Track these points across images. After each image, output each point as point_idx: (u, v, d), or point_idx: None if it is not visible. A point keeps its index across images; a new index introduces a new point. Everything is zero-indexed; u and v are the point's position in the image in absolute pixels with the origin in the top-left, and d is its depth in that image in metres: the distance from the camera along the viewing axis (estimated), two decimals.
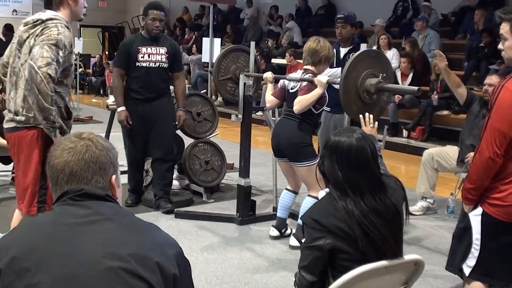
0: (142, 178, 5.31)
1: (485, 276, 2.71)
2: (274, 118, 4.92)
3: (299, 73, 4.14)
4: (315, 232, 2.05)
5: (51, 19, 3.09)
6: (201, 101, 5.72)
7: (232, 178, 5.81)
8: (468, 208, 2.71)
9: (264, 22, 14.84)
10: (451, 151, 5.06)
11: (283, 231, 4.39)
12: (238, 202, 4.75)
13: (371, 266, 1.98)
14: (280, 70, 10.39)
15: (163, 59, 4.84)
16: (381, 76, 3.35)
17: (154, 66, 4.80)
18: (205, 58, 8.78)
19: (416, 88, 3.41)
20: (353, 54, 3.64)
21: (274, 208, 4.86)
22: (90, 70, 16.87)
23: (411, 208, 4.97)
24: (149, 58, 4.79)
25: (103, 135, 4.71)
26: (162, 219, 4.71)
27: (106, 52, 18.08)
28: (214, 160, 5.55)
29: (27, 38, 3.12)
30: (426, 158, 5.11)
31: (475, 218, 2.67)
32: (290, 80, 4.19)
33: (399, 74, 8.70)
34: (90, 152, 1.49)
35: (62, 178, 1.48)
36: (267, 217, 4.75)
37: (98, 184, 1.49)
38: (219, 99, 11.33)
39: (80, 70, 12.16)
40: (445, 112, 8.34)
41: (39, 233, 1.41)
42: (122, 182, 1.64)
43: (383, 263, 2.01)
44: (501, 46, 2.58)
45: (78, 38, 11.48)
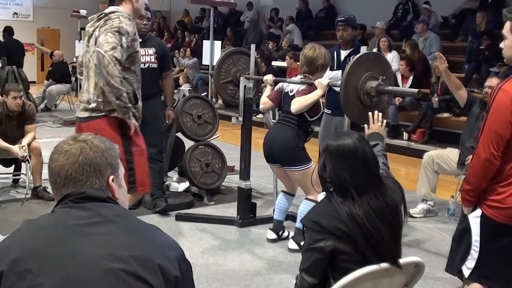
0: None
1: (484, 278, 2.71)
2: (275, 121, 4.92)
3: (298, 78, 4.15)
4: (316, 234, 2.06)
5: (113, 12, 3.35)
6: (201, 103, 5.73)
7: (232, 181, 5.82)
8: (467, 210, 2.71)
9: (264, 25, 14.86)
10: (452, 154, 5.06)
11: (280, 233, 4.39)
12: (239, 204, 4.75)
13: (372, 268, 1.98)
14: (281, 73, 10.38)
15: (152, 60, 4.85)
16: (381, 78, 3.36)
17: (144, 67, 4.67)
18: (205, 60, 8.78)
19: (416, 90, 3.40)
20: (353, 57, 3.65)
21: (274, 211, 4.86)
22: None
23: (411, 211, 4.98)
24: None
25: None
26: (163, 221, 4.72)
27: None
28: (215, 163, 5.56)
29: (93, 31, 3.37)
30: (427, 160, 5.11)
31: (474, 220, 2.67)
32: (290, 82, 4.19)
33: (399, 76, 8.70)
34: (84, 155, 1.49)
35: (59, 182, 1.50)
36: (268, 219, 4.74)
37: (94, 186, 1.49)
38: (220, 101, 11.34)
39: (79, 71, 12.13)
40: (445, 115, 8.35)
41: (40, 235, 1.41)
42: None
43: (383, 265, 2.01)
44: (501, 44, 2.59)
45: (79, 41, 11.48)
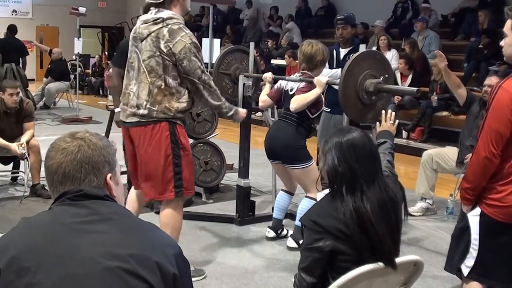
0: None
1: (483, 277, 2.71)
2: (274, 119, 4.92)
3: (296, 76, 4.15)
4: (315, 233, 2.05)
5: (171, 18, 3.26)
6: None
7: (231, 179, 5.81)
8: (466, 208, 2.71)
9: (264, 23, 14.84)
10: (451, 152, 5.06)
11: (279, 232, 4.39)
12: (238, 202, 4.75)
13: (370, 267, 1.98)
14: (280, 71, 10.37)
15: None
16: (382, 78, 3.35)
17: None
18: (204, 58, 8.75)
19: (415, 89, 3.40)
20: (352, 55, 3.65)
21: (273, 209, 4.85)
22: (89, 71, 16.87)
23: (410, 209, 4.97)
24: None
25: (103, 135, 4.69)
26: None
27: (106, 53, 18.06)
28: (214, 161, 5.55)
29: (148, 35, 3.27)
30: (426, 159, 5.11)
31: (473, 218, 2.67)
32: (289, 81, 4.19)
33: (398, 75, 8.70)
34: (82, 152, 1.48)
35: (56, 180, 1.49)
36: (267, 217, 4.74)
37: (92, 184, 1.49)
38: None
39: (79, 70, 12.14)
40: (444, 113, 8.35)
41: (38, 233, 1.40)
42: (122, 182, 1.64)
43: (382, 264, 2.01)
44: (502, 42, 2.59)
45: (78, 39, 11.45)
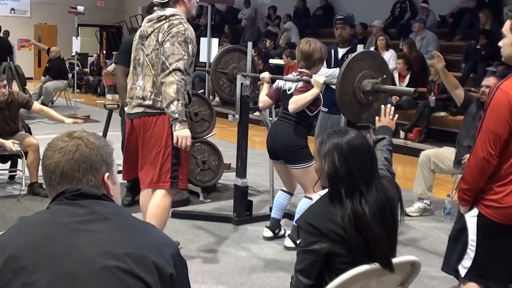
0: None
1: (480, 278, 2.71)
2: (271, 119, 4.92)
3: (294, 75, 4.14)
4: (311, 236, 2.05)
5: (173, 15, 3.43)
6: (198, 101, 5.71)
7: (229, 178, 5.81)
8: (464, 209, 2.72)
9: (262, 22, 14.84)
10: (448, 153, 5.06)
11: (277, 231, 4.39)
12: (235, 202, 4.75)
13: (367, 267, 1.98)
14: (278, 71, 10.39)
15: None
16: (380, 79, 3.35)
17: None
18: (202, 58, 8.76)
19: (412, 89, 3.39)
20: (350, 55, 3.65)
21: (271, 209, 4.85)
22: (87, 69, 16.85)
23: (407, 210, 4.98)
24: None
25: (100, 134, 4.69)
26: None
27: (104, 52, 18.05)
28: (211, 160, 5.55)
29: (152, 32, 3.47)
30: (423, 159, 5.11)
31: (471, 219, 2.67)
32: (287, 80, 4.19)
33: (396, 75, 8.71)
34: (80, 151, 1.48)
35: (54, 179, 1.48)
36: (264, 217, 4.75)
37: (90, 183, 1.49)
38: (217, 99, 11.34)
39: (77, 69, 12.13)
40: (442, 114, 8.35)
41: (35, 232, 1.40)
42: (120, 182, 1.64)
43: (378, 265, 2.01)
44: (500, 43, 2.59)
45: (76, 37, 11.43)
